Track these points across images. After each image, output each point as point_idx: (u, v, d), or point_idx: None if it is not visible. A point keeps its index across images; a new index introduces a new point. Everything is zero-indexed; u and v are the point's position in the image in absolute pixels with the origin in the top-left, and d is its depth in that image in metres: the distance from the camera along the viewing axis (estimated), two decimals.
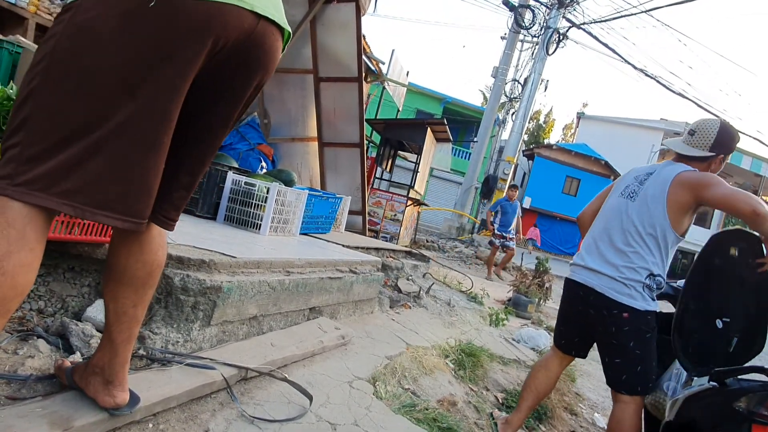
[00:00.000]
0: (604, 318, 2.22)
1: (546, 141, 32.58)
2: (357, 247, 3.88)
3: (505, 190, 9.34)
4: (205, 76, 1.09)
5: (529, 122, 22.62)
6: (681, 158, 2.35)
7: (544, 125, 34.74)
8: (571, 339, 2.49)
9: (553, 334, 2.60)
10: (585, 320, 2.36)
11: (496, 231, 9.14)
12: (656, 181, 2.27)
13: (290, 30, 1.20)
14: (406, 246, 7.43)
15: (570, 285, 2.42)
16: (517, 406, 2.55)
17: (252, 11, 1.05)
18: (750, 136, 43.80)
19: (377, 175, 9.36)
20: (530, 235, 17.42)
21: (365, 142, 5.47)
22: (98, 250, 1.79)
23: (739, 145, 2.41)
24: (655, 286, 2.22)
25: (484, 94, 32.78)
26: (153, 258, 1.24)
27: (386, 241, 7.36)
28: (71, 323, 1.59)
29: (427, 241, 11.74)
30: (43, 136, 0.95)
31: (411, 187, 8.77)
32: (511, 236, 9.08)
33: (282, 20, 1.16)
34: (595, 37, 15.14)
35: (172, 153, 1.13)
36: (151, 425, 1.39)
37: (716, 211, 28.13)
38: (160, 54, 0.99)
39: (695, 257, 2.31)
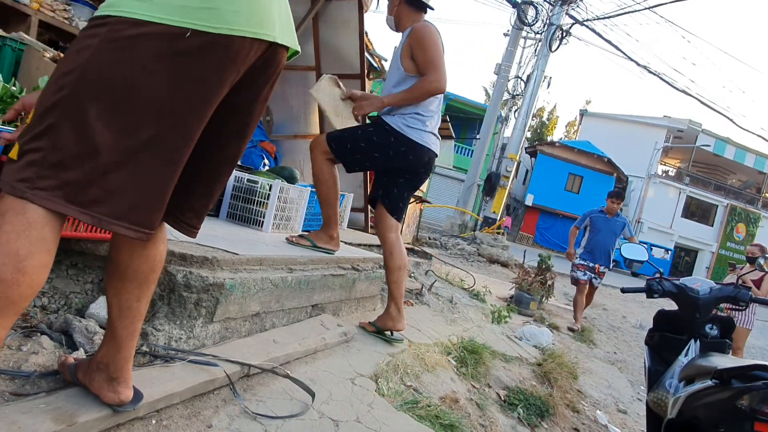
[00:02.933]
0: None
1: (549, 138, 32.53)
2: (359, 245, 3.88)
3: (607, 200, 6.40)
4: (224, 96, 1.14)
5: (531, 119, 22.59)
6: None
7: (547, 122, 34.71)
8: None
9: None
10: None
11: (578, 259, 6.35)
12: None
13: (299, 49, 1.25)
14: (408, 243, 7.43)
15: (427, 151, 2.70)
16: None
17: (271, 41, 1.12)
18: (754, 134, 43.65)
19: None
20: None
21: None
22: (101, 246, 1.80)
23: (742, 141, 2.42)
24: None
25: (486, 90, 32.75)
26: (155, 252, 1.25)
27: None
28: (74, 320, 1.60)
29: (430, 239, 11.75)
30: (69, 146, 0.97)
31: None
32: (602, 268, 6.26)
33: (294, 43, 1.22)
34: (599, 34, 15.12)
35: (192, 165, 1.16)
36: (154, 421, 1.39)
37: (719, 210, 28.08)
38: (195, 80, 1.04)
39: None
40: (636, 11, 14.68)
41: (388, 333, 2.73)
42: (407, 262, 2.84)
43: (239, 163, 3.59)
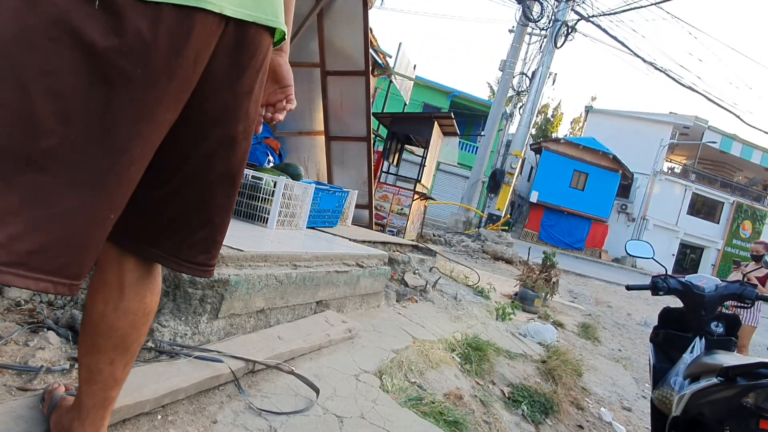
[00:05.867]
0: None
1: (554, 135, 32.42)
2: (364, 241, 3.88)
3: None
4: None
5: (536, 116, 22.52)
6: None
7: (552, 119, 34.57)
8: None
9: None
10: None
11: None
12: None
13: (282, 28, 0.98)
14: (412, 240, 7.43)
15: None
16: None
17: (216, 12, 0.83)
18: (761, 131, 43.35)
19: (384, 169, 9.35)
20: None
21: (372, 135, 5.46)
22: None
23: (749, 138, 2.40)
24: None
25: (491, 87, 32.64)
26: (137, 306, 1.02)
27: (393, 235, 7.36)
28: (81, 315, 1.61)
29: (434, 235, 11.74)
30: None
31: (418, 181, 8.76)
32: None
33: (264, 17, 0.92)
34: (604, 30, 15.03)
35: (174, 190, 0.96)
36: (160, 417, 1.40)
37: (725, 207, 27.91)
38: (103, 72, 0.76)
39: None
40: (642, 7, 14.61)
41: None
42: None
43: None
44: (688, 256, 28.87)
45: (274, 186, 3.11)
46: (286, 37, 1.04)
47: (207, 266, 1.03)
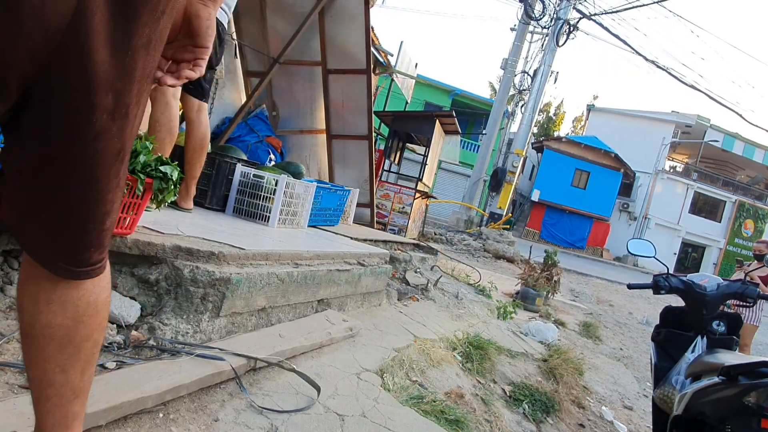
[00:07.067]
0: None
1: (556, 133, 32.38)
2: (365, 240, 3.88)
3: None
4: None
5: (538, 114, 22.48)
6: None
7: (554, 117, 34.52)
8: None
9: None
10: None
11: None
12: None
13: None
14: (414, 238, 7.43)
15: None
16: None
17: None
18: (763, 129, 43.28)
19: (385, 168, 9.35)
20: None
21: (374, 134, 5.47)
22: (114, 241, 1.81)
23: (751, 137, 2.40)
24: None
25: (493, 86, 32.59)
26: (76, 294, 0.81)
27: (394, 233, 7.36)
28: None
29: (435, 234, 11.74)
30: None
31: (419, 179, 8.76)
32: None
33: None
34: (606, 29, 15.01)
35: (36, 170, 0.73)
36: (161, 414, 1.40)
37: (727, 206, 27.86)
38: None
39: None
40: (644, 5, 14.57)
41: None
42: (207, 145, 2.80)
43: (245, 158, 3.58)
44: (690, 254, 28.84)
45: (276, 184, 3.12)
46: None
47: (100, 263, 0.83)
